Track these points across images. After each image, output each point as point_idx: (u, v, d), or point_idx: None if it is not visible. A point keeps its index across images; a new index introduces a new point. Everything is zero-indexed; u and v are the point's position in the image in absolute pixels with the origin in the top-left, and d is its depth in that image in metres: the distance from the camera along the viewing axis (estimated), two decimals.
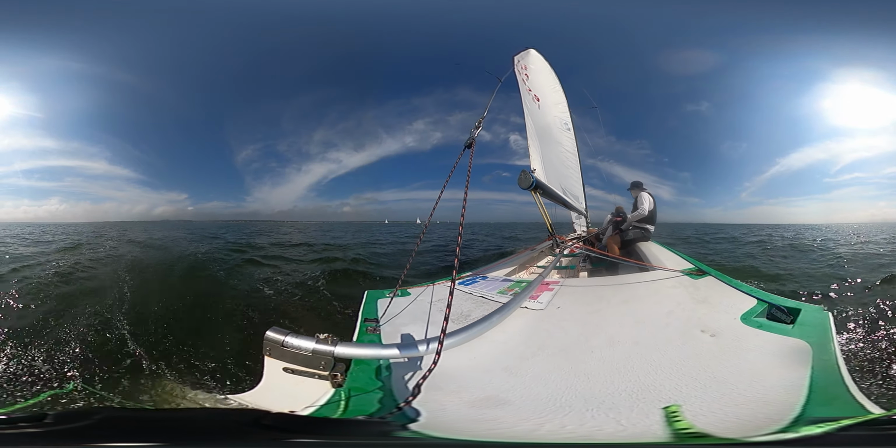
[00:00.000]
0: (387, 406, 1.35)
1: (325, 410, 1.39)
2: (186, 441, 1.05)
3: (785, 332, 1.88)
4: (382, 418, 1.26)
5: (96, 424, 1.07)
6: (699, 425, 1.16)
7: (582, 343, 1.93)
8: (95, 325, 4.72)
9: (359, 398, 1.46)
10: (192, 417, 1.29)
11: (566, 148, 7.82)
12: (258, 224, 40.04)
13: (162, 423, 1.16)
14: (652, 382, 1.46)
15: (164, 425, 1.14)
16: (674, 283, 2.98)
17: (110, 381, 3.57)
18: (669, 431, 1.15)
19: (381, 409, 1.36)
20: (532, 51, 6.64)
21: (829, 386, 1.38)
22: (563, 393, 1.45)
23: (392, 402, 1.36)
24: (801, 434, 1.08)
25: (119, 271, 7.87)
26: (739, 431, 1.14)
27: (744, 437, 1.10)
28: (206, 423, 1.17)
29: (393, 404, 1.33)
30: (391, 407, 1.31)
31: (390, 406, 1.32)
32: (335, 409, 1.39)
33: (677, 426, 1.16)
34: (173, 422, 1.20)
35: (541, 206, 4.99)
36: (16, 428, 1.09)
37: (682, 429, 1.15)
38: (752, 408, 1.27)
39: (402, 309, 2.54)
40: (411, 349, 1.68)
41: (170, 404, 3.09)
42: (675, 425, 1.17)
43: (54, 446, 1.03)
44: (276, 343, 1.69)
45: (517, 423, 1.27)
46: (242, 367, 3.91)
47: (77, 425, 1.08)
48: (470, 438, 1.21)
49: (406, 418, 1.25)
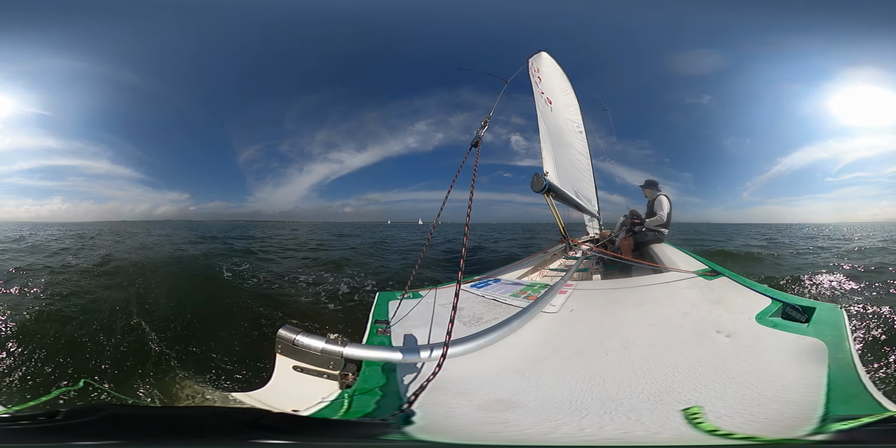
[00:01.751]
0: (391, 408, 1.35)
1: (329, 410, 1.40)
2: (189, 439, 1.06)
3: (800, 331, 1.87)
4: (384, 420, 1.25)
5: (99, 422, 1.08)
6: (724, 426, 1.15)
7: (597, 346, 1.93)
8: (110, 324, 4.84)
9: (364, 399, 1.47)
10: (194, 416, 1.30)
11: (578, 150, 7.79)
12: (259, 224, 40.08)
13: (165, 422, 1.16)
14: (670, 384, 1.46)
15: (167, 423, 1.14)
16: (688, 285, 2.97)
17: (121, 379, 3.66)
18: (694, 433, 1.14)
19: (385, 410, 1.37)
20: (544, 53, 6.65)
21: (846, 384, 1.38)
22: (578, 396, 1.44)
23: (397, 404, 1.37)
24: (831, 433, 1.07)
25: (131, 271, 8.06)
26: (767, 432, 1.13)
27: (777, 438, 1.10)
28: (209, 422, 1.17)
29: (397, 407, 1.34)
30: (395, 409, 1.31)
31: (394, 408, 1.33)
32: (339, 410, 1.39)
33: (701, 428, 1.15)
34: (177, 420, 1.20)
35: (553, 209, 4.99)
36: (26, 425, 1.11)
37: (707, 430, 1.13)
38: (775, 408, 1.26)
39: (413, 311, 2.56)
40: (419, 353, 1.68)
41: (179, 402, 3.15)
42: (698, 427, 1.16)
43: (61, 443, 1.04)
44: (287, 341, 1.72)
45: (531, 426, 1.27)
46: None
47: (79, 422, 1.08)
48: (478, 442, 1.20)
49: (408, 421, 1.25)
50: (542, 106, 6.51)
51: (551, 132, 6.69)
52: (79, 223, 27.89)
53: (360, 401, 1.45)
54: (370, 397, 1.48)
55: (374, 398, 1.48)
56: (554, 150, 6.69)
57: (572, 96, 7.72)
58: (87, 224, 27.86)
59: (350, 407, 1.41)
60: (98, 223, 28.67)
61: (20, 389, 3.52)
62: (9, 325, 4.55)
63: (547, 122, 6.61)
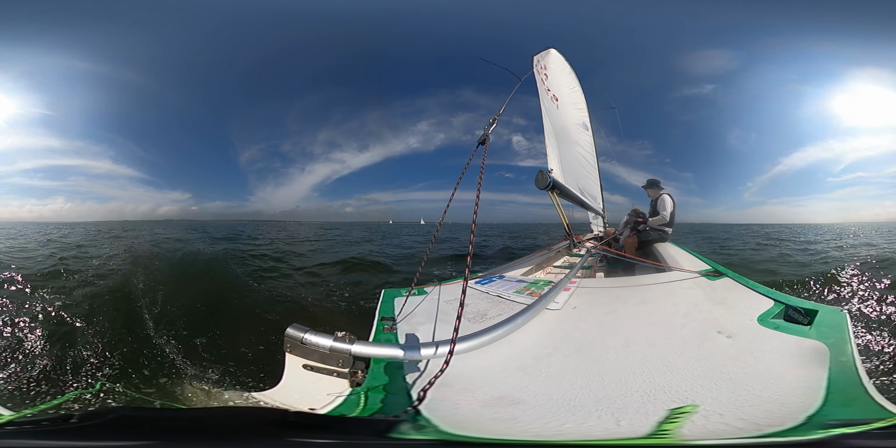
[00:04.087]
0: (401, 405, 1.36)
1: (341, 409, 1.41)
2: (201, 440, 1.06)
3: (802, 333, 1.87)
4: (396, 417, 1.26)
5: (109, 423, 1.09)
6: (711, 425, 1.17)
7: (598, 343, 1.95)
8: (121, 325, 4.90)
9: (375, 396, 1.48)
10: (207, 416, 1.30)
11: (584, 148, 7.77)
12: (261, 224, 39.74)
13: (177, 423, 1.17)
14: (668, 383, 1.47)
15: (180, 424, 1.15)
16: (690, 285, 2.98)
17: (134, 380, 3.67)
18: (674, 431, 1.15)
19: (396, 407, 1.37)
20: (553, 50, 6.62)
21: (847, 387, 1.38)
22: (577, 393, 1.46)
23: (407, 401, 1.38)
24: (815, 437, 1.08)
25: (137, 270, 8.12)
26: (750, 431, 1.14)
27: (757, 438, 1.11)
28: (222, 422, 1.17)
29: (407, 403, 1.34)
30: (405, 406, 1.32)
31: (404, 405, 1.34)
32: (351, 408, 1.40)
33: (682, 426, 1.16)
34: (188, 421, 1.21)
35: (558, 207, 4.99)
36: (41, 427, 1.12)
37: (689, 429, 1.15)
38: (766, 409, 1.27)
39: (418, 308, 2.57)
40: (426, 350, 1.69)
41: (193, 403, 3.20)
42: (679, 425, 1.17)
43: (72, 445, 1.04)
44: (296, 340, 1.72)
45: (533, 422, 1.29)
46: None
47: (90, 424, 1.09)
48: (483, 437, 1.22)
49: (418, 418, 1.25)
50: (548, 103, 6.49)
51: (557, 130, 6.67)
52: (81, 223, 27.86)
53: (373, 398, 1.47)
54: (381, 394, 1.50)
55: (384, 395, 1.49)
56: (559, 147, 6.68)
57: (580, 93, 7.70)
58: (90, 224, 27.91)
59: (365, 405, 1.42)
60: (100, 223, 28.59)
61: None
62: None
63: (552, 119, 6.59)
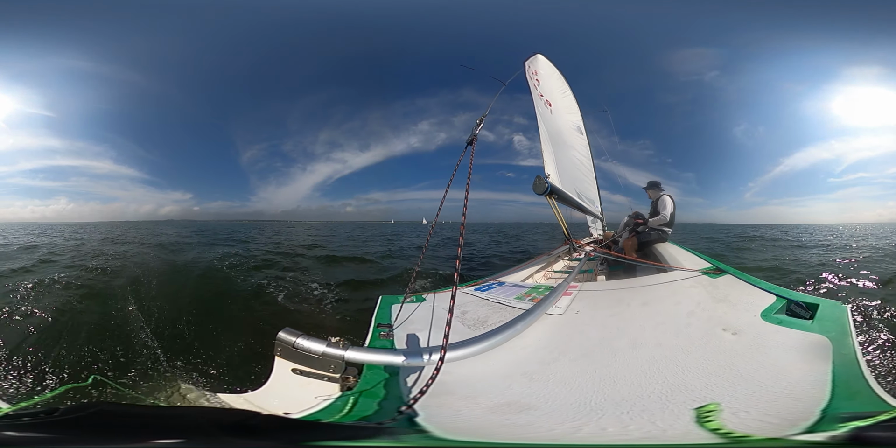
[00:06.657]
0: (391, 411, 1.35)
1: (324, 413, 1.39)
2: (179, 438, 1.03)
3: (805, 327, 1.88)
4: (380, 424, 1.24)
5: (88, 418, 1.08)
6: (739, 424, 1.16)
7: (604, 346, 1.93)
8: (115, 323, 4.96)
9: (365, 402, 1.47)
10: (184, 415, 1.27)
11: (579, 152, 7.82)
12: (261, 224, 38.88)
13: (154, 420, 1.15)
14: (682, 383, 1.47)
15: (157, 422, 1.13)
16: (693, 283, 2.97)
17: (126, 376, 3.71)
18: (706, 431, 1.14)
19: (385, 413, 1.36)
20: (539, 56, 6.68)
21: (850, 380, 1.39)
22: (591, 397, 1.44)
23: (397, 408, 1.36)
24: (832, 433, 1.07)
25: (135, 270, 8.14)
26: (780, 429, 1.13)
27: (786, 437, 1.09)
28: (192, 422, 1.14)
29: (397, 410, 1.33)
30: (394, 413, 1.31)
31: (393, 412, 1.33)
32: (338, 412, 1.39)
33: (712, 426, 1.15)
34: (167, 419, 1.18)
35: (556, 211, 5.00)
36: (28, 421, 1.11)
37: (718, 429, 1.14)
38: (782, 404, 1.27)
39: (415, 315, 2.56)
40: (421, 357, 1.68)
41: (171, 401, 3.15)
42: (710, 425, 1.16)
43: (56, 439, 1.03)
44: (287, 344, 1.72)
45: (553, 427, 1.27)
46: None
47: (70, 418, 1.09)
48: (495, 442, 1.21)
49: (409, 423, 1.24)
50: (542, 108, 6.53)
51: (552, 134, 6.71)
52: (83, 223, 27.53)
53: (361, 403, 1.46)
54: (371, 400, 1.48)
55: (374, 401, 1.48)
56: (555, 152, 6.71)
57: (571, 98, 7.76)
58: (91, 224, 27.63)
59: (353, 409, 1.41)
60: (102, 224, 28.20)
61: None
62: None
63: (547, 124, 6.63)
